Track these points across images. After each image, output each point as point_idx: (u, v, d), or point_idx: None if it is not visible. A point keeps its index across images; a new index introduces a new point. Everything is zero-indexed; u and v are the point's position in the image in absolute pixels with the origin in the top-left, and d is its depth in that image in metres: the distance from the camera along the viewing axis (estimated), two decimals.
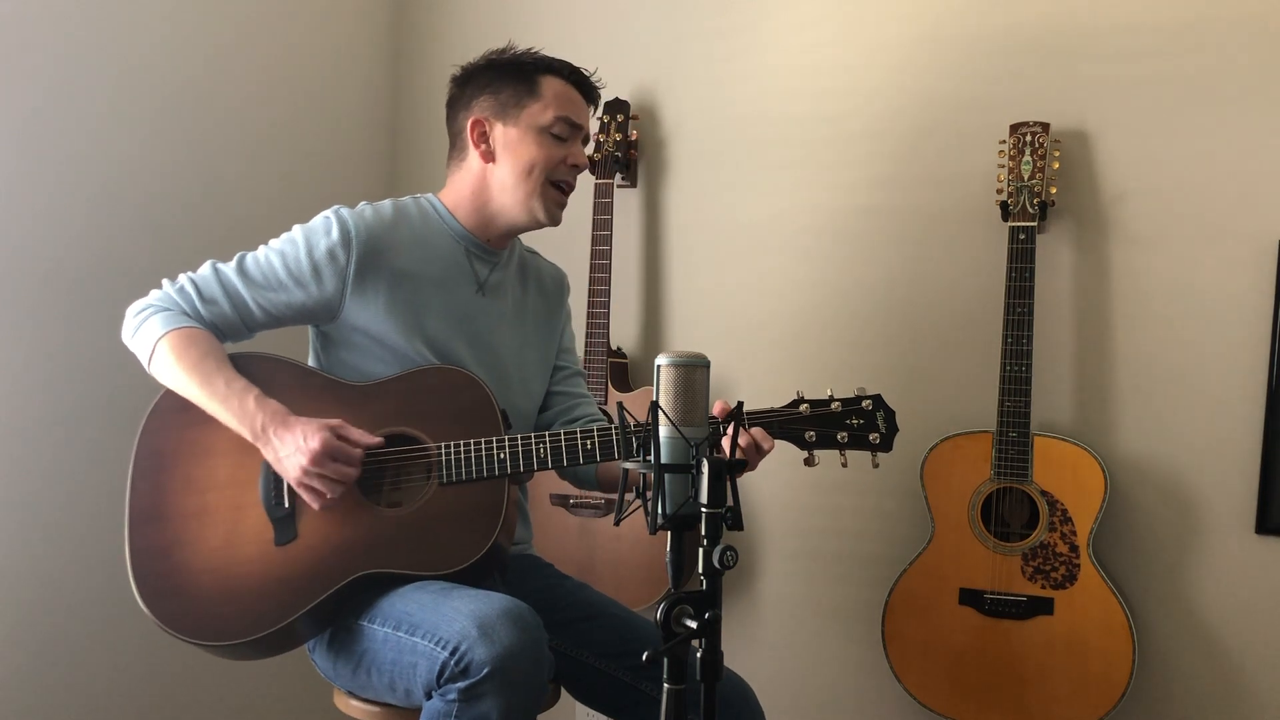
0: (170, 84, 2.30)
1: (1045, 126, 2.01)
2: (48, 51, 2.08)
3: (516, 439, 1.57)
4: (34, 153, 2.06)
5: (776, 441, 1.55)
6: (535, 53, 1.72)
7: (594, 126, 2.03)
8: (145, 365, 1.60)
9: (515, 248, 1.80)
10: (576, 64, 1.73)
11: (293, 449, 1.51)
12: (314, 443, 1.50)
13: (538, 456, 1.57)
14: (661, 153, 2.49)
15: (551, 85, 1.68)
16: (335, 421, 1.54)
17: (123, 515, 1.58)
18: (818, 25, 2.32)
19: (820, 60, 2.32)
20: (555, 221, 1.72)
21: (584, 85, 1.73)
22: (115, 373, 2.14)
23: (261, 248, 1.64)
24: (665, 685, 1.11)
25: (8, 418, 2.05)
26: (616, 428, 1.55)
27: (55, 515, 2.12)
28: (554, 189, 1.69)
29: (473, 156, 1.70)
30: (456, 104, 1.73)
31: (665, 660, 1.10)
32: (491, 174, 1.69)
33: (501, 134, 1.68)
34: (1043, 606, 1.96)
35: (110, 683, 2.22)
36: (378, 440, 1.56)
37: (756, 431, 1.53)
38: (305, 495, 1.53)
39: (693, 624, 1.09)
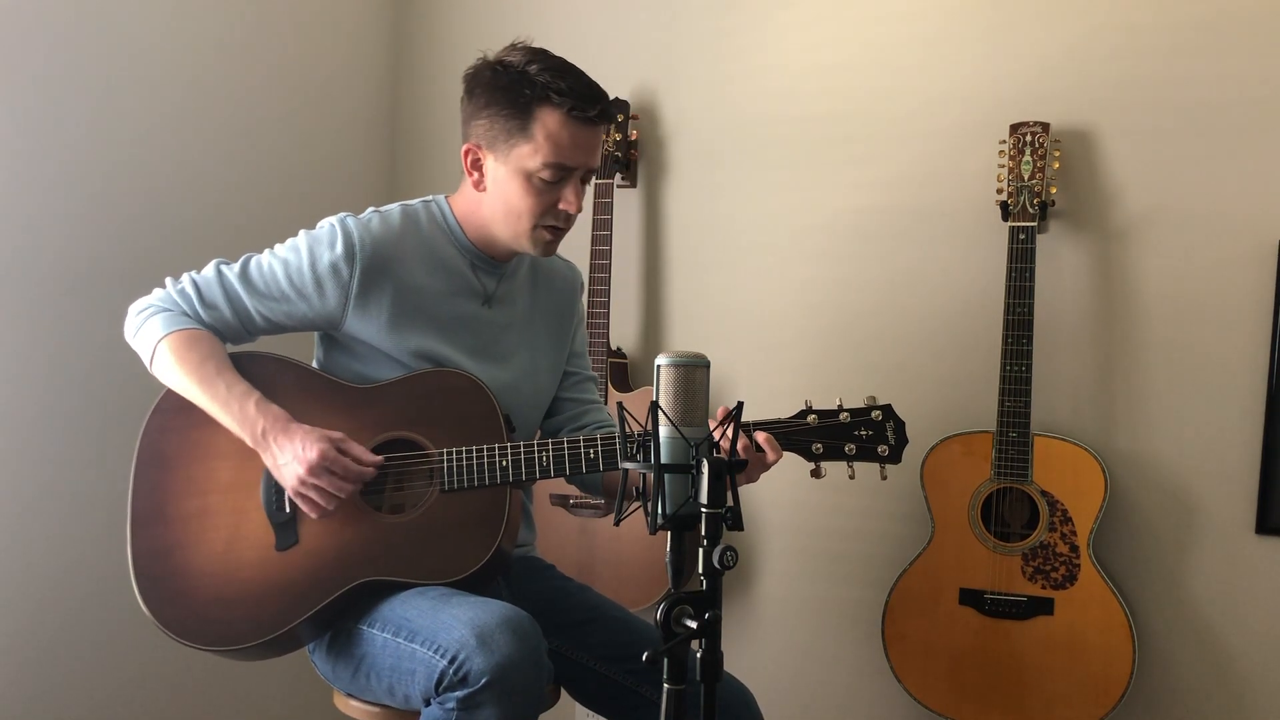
0: (170, 84, 2.30)
1: (1045, 126, 2.01)
2: (47, 50, 2.07)
3: (519, 447, 1.55)
4: (34, 153, 2.06)
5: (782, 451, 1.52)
6: (539, 74, 1.55)
7: None
8: (147, 365, 1.60)
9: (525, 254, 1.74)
10: (585, 74, 1.59)
11: (291, 457, 1.50)
12: (312, 454, 1.49)
13: (540, 465, 1.55)
14: (661, 153, 2.49)
15: (546, 123, 1.54)
16: (337, 434, 1.53)
17: (124, 516, 1.57)
18: (818, 25, 2.32)
19: (820, 60, 2.31)
20: (548, 255, 1.66)
21: (586, 119, 1.56)
22: (115, 373, 2.14)
23: (266, 252, 1.62)
24: (665, 686, 1.11)
25: (8, 417, 2.05)
26: (619, 435, 1.54)
27: (56, 515, 2.12)
28: (544, 229, 1.61)
29: (469, 179, 1.64)
30: (462, 114, 1.64)
31: (665, 660, 1.10)
32: (483, 202, 1.63)
33: (492, 168, 1.60)
34: (1043, 606, 1.96)
35: (110, 682, 2.22)
36: (377, 459, 1.54)
37: (763, 438, 1.49)
38: (301, 504, 1.53)
39: (693, 624, 1.09)
